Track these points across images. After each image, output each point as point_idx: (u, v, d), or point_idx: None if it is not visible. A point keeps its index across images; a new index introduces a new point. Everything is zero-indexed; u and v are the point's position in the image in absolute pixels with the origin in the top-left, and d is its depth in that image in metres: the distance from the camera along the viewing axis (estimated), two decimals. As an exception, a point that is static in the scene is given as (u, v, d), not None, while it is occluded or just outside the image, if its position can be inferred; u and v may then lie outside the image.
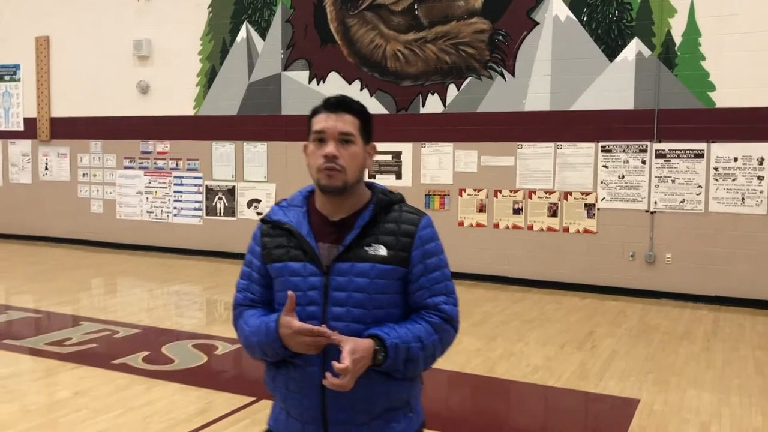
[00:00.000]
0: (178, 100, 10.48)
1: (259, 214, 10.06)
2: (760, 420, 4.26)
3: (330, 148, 1.89)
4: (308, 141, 1.97)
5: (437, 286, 1.92)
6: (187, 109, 10.46)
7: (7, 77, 11.99)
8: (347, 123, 1.92)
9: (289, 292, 1.82)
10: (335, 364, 1.71)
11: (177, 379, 4.79)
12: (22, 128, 11.92)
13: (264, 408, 4.15)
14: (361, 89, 9.24)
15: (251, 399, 4.35)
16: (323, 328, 1.77)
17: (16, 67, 11.89)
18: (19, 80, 11.89)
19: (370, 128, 1.99)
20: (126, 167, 11.04)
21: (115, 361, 5.13)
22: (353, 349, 1.74)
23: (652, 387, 4.84)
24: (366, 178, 2.03)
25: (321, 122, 1.94)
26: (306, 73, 9.59)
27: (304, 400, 1.87)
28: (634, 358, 5.57)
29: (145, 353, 5.36)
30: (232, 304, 2.01)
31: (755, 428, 4.13)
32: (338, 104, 1.94)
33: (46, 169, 11.74)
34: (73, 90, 11.30)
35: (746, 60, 7.32)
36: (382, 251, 1.89)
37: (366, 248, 1.88)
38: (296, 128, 9.64)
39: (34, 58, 11.62)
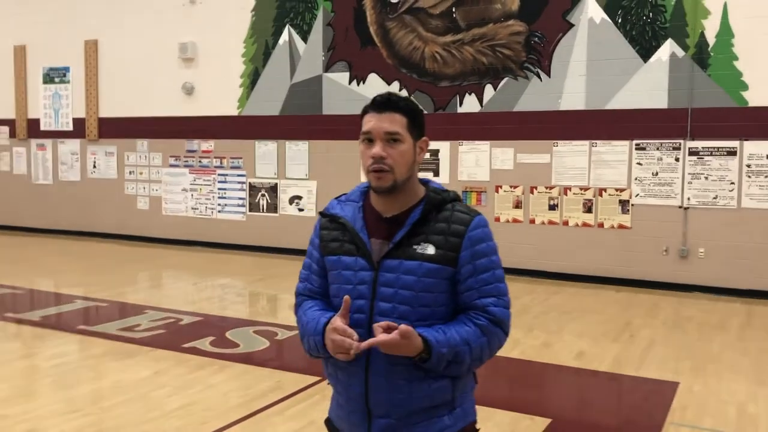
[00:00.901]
0: (222, 100, 10.90)
1: (300, 210, 10.46)
2: (794, 401, 4.54)
3: (376, 149, 1.90)
4: (359, 140, 1.98)
5: (487, 287, 1.92)
6: (230, 109, 10.88)
7: (57, 79, 12.50)
8: (394, 122, 1.92)
9: (346, 297, 1.85)
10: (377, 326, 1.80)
11: (245, 361, 5.17)
12: (71, 128, 12.43)
13: (326, 389, 4.52)
14: (400, 89, 9.57)
15: (317, 378, 4.70)
16: (353, 336, 1.80)
17: (66, 69, 12.40)
18: (68, 82, 12.40)
19: (419, 124, 1.98)
20: (171, 165, 11.49)
21: (186, 345, 5.54)
22: (406, 332, 1.77)
23: (690, 372, 5.12)
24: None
25: (368, 123, 1.94)
26: (346, 75, 9.95)
27: (350, 389, 1.93)
28: (672, 346, 5.86)
29: (212, 338, 5.76)
30: (295, 293, 2.09)
31: (790, 408, 4.42)
32: (384, 104, 1.94)
33: (94, 167, 12.23)
34: (120, 91, 11.77)
35: (779, 60, 7.54)
36: (430, 250, 1.90)
37: (415, 246, 1.90)
38: (337, 127, 10.01)
39: (83, 61, 12.12)
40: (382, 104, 1.93)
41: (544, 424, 4.09)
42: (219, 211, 11.13)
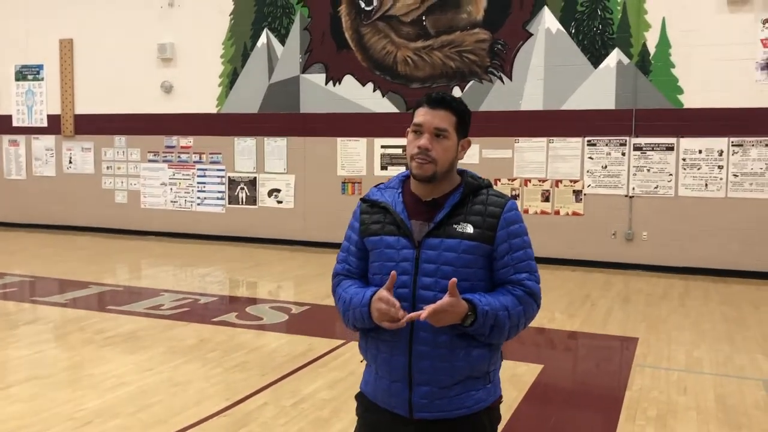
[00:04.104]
0: (201, 98, 11.50)
1: (279, 202, 11.18)
2: (727, 347, 5.66)
3: (423, 140, 2.05)
4: (409, 129, 2.12)
5: (521, 264, 2.08)
6: (209, 107, 11.49)
7: (30, 77, 12.79)
8: (443, 119, 2.06)
9: (392, 272, 1.98)
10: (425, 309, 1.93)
11: (274, 330, 5.96)
12: (45, 124, 12.75)
13: (353, 347, 5.36)
14: (374, 90, 10.43)
15: (342, 341, 5.54)
16: (396, 303, 1.95)
17: (39, 67, 12.71)
18: (42, 79, 12.71)
19: (466, 125, 2.13)
20: (150, 160, 12.00)
21: (215, 319, 6.27)
22: (451, 302, 1.92)
23: (645, 330, 6.20)
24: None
25: (420, 116, 2.08)
26: (323, 76, 10.73)
27: (392, 360, 2.05)
28: (627, 312, 6.94)
29: (235, 313, 6.51)
30: (332, 273, 2.26)
31: (725, 351, 5.53)
32: (438, 101, 2.08)
33: (70, 162, 12.60)
34: (96, 89, 12.19)
35: (709, 68, 8.75)
36: (469, 229, 2.04)
37: (455, 226, 2.04)
38: (314, 125, 10.79)
39: (57, 59, 12.47)
40: (436, 101, 2.08)
41: (538, 369, 5.05)
42: (198, 204, 11.72)
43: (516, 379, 4.74)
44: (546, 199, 9.69)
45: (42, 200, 12.78)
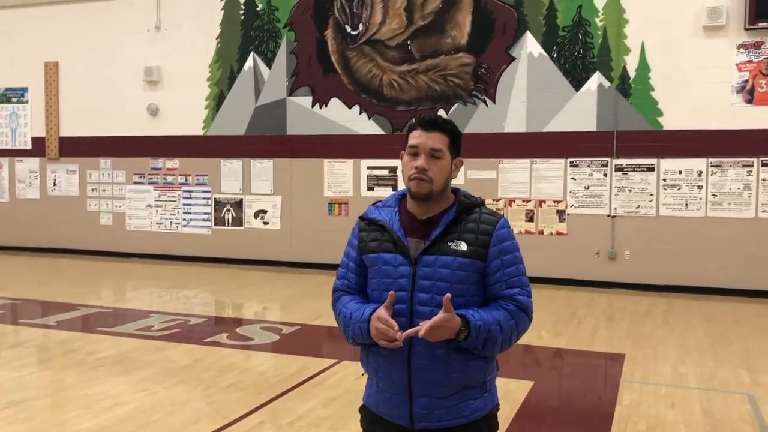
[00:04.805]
0: (187, 121, 11.56)
1: (265, 223, 11.22)
2: (711, 362, 5.79)
3: (420, 161, 2.15)
4: (404, 152, 2.24)
5: (513, 279, 2.16)
6: (196, 129, 11.55)
7: (14, 99, 12.78)
8: (438, 140, 2.17)
9: (391, 292, 2.07)
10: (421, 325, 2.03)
11: (265, 350, 6.00)
12: (29, 147, 12.72)
13: (348, 366, 5.43)
14: (360, 113, 10.57)
15: (335, 360, 5.59)
16: (395, 324, 2.03)
17: (24, 90, 12.71)
18: (26, 102, 12.70)
19: (459, 145, 2.24)
20: (136, 182, 12.01)
21: (206, 340, 6.29)
22: (445, 318, 2.01)
23: (631, 346, 6.32)
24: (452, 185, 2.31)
25: (415, 138, 2.19)
26: (309, 98, 10.85)
27: (392, 374, 2.14)
28: (612, 329, 7.07)
29: (226, 334, 6.53)
30: (332, 289, 2.32)
31: (709, 366, 5.66)
32: (432, 123, 2.19)
33: (55, 184, 12.57)
34: (82, 112, 12.20)
35: (687, 91, 8.99)
36: (463, 246, 2.13)
37: (449, 243, 2.13)
38: (301, 146, 10.90)
39: (42, 82, 12.48)
40: (430, 123, 2.19)
41: (528, 385, 5.14)
42: (184, 226, 11.73)
43: (508, 395, 4.82)
44: (530, 219, 9.84)
45: (26, 223, 12.70)
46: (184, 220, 11.73)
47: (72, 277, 9.98)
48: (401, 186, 10.55)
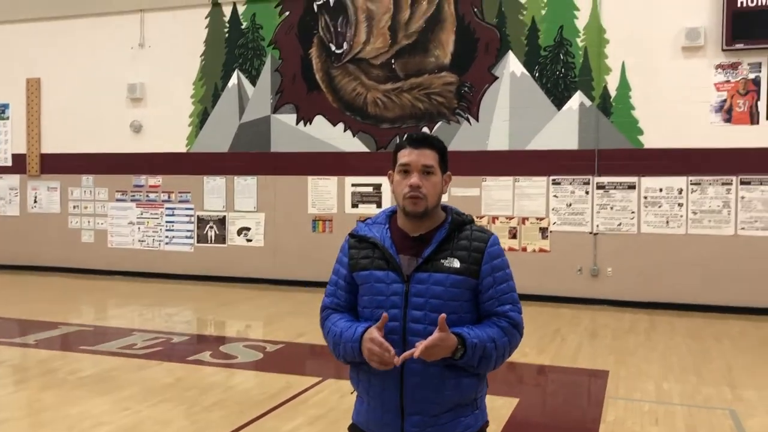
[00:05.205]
0: (170, 138, 11.52)
1: (249, 240, 11.18)
2: (694, 379, 5.84)
3: (414, 179, 2.15)
4: (393, 171, 2.23)
5: (505, 296, 2.18)
6: (179, 146, 11.52)
7: (-5, 116, 12.68)
8: (428, 157, 2.18)
9: (384, 314, 2.05)
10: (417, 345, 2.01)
11: (249, 368, 5.95)
12: (9, 163, 12.60)
13: (332, 384, 5.41)
14: (345, 130, 10.60)
15: (319, 378, 5.56)
16: (390, 348, 2.01)
17: (5, 106, 12.62)
18: (7, 119, 12.61)
19: (446, 160, 2.25)
20: (118, 200, 11.92)
21: (189, 358, 6.23)
22: (441, 337, 2.00)
23: (615, 363, 6.35)
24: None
25: (406, 156, 2.18)
26: (294, 116, 10.87)
27: (384, 392, 2.13)
28: (596, 346, 7.10)
29: (209, 352, 6.48)
30: (321, 307, 2.30)
31: (692, 382, 5.71)
32: (421, 141, 2.20)
33: (35, 201, 12.45)
34: (64, 128, 12.13)
35: (667, 110, 9.13)
36: (456, 264, 2.13)
37: (442, 261, 2.13)
38: (285, 164, 10.90)
39: (24, 98, 12.40)
40: (419, 141, 2.20)
41: (514, 402, 5.14)
42: (167, 243, 11.65)
43: (494, 412, 4.79)
44: (513, 236, 9.89)
45: (6, 240, 12.55)
46: (167, 237, 11.66)
47: (52, 295, 9.86)
48: (386, 203, 10.64)
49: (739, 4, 8.74)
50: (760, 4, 8.68)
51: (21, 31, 12.38)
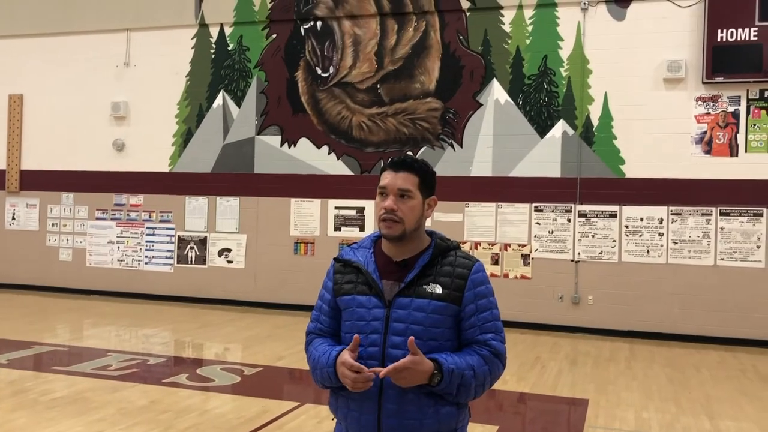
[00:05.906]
0: (153, 157, 11.46)
1: (229, 262, 11.09)
2: (673, 408, 5.83)
3: (389, 201, 2.15)
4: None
5: (487, 324, 2.15)
6: (162, 166, 11.45)
7: (-24, 131, 12.53)
8: (406, 180, 2.17)
9: (356, 335, 2.05)
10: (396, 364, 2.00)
11: (225, 392, 5.86)
12: (-11, 180, 12.45)
13: (310, 409, 5.34)
14: (329, 153, 10.61)
15: (297, 403, 5.49)
16: (362, 368, 2.00)
17: (-14, 121, 12.49)
18: (-12, 134, 12.47)
19: (430, 184, 2.23)
20: (98, 218, 11.80)
21: (165, 380, 6.13)
22: (413, 360, 1.99)
23: (594, 391, 6.33)
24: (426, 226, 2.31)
25: (385, 179, 2.20)
26: (278, 138, 10.87)
27: (362, 418, 2.10)
28: (576, 374, 7.08)
29: (186, 374, 6.38)
30: (306, 332, 2.31)
31: (671, 412, 5.70)
32: (399, 164, 2.20)
33: (13, 218, 12.29)
34: (46, 145, 12.03)
35: (648, 140, 9.23)
36: (438, 290, 2.11)
37: (424, 286, 2.12)
38: (268, 185, 10.86)
39: (6, 114, 12.30)
40: (398, 164, 2.20)
41: (493, 430, 5.10)
42: (146, 263, 11.52)
43: (472, 440, 4.77)
44: (495, 262, 9.90)
45: (-19, 257, 12.36)
46: (146, 257, 11.54)
47: (27, 314, 9.69)
48: (369, 227, 10.62)
49: (719, 39, 8.91)
50: (739, 39, 8.86)
51: (4, 46, 12.32)
